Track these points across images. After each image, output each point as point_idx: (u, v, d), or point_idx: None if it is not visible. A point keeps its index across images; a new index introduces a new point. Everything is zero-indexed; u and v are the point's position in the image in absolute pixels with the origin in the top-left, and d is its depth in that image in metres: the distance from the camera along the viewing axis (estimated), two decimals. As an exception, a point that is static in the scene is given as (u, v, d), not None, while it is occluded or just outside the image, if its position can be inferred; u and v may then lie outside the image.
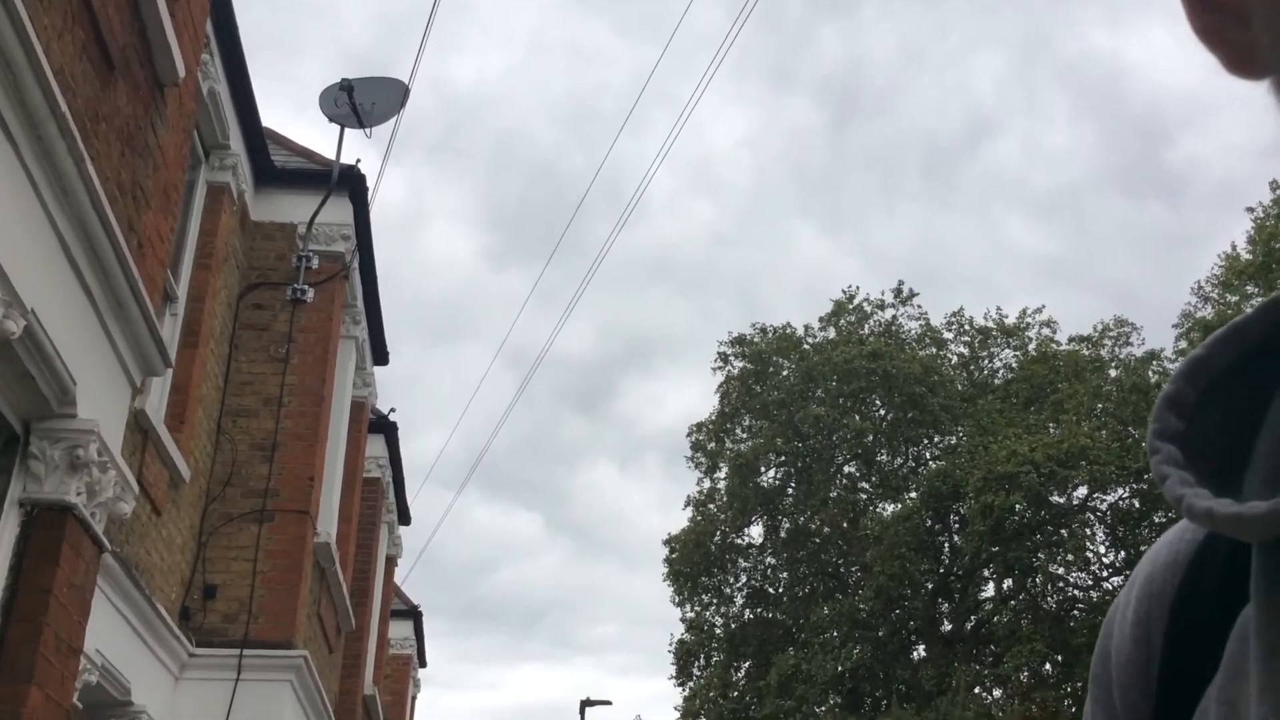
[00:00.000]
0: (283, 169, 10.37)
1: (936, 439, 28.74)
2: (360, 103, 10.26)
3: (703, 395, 75.58)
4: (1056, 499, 25.14)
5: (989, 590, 27.98)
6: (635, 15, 73.74)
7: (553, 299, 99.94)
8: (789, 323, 30.20)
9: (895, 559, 25.13)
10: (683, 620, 29.52)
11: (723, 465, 29.42)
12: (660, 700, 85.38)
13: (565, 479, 71.05)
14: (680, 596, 29.37)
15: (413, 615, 21.42)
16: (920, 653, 27.24)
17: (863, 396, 28.10)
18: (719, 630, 29.34)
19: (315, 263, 9.92)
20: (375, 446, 14.31)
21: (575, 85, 73.75)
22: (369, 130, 10.41)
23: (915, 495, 27.00)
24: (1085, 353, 28.25)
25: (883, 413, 28.58)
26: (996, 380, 29.49)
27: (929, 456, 28.94)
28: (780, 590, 29.28)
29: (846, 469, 29.40)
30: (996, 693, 25.64)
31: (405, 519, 17.62)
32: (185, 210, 8.59)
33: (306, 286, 9.81)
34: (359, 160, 11.84)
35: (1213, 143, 51.53)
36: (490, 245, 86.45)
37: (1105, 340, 28.81)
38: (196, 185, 8.95)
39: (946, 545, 27.55)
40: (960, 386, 29.05)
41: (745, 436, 29.56)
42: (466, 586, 75.87)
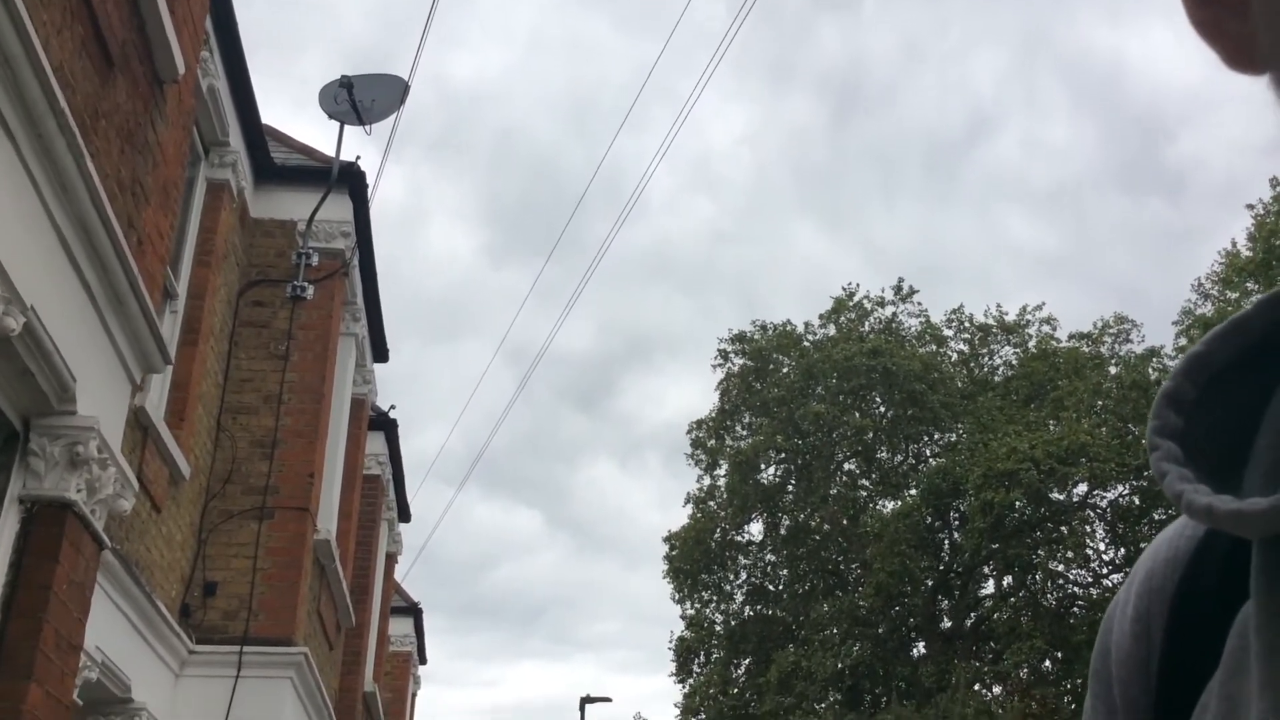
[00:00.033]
0: (282, 166, 10.37)
1: (936, 436, 28.73)
2: (360, 99, 10.25)
3: (703, 392, 75.59)
4: (1056, 496, 25.16)
5: (989, 587, 28.01)
6: (635, 11, 73.73)
7: (553, 296, 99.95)
8: (789, 320, 30.23)
9: (895, 556, 25.14)
10: (683, 617, 29.57)
11: (723, 462, 29.41)
12: (660, 697, 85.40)
13: (565, 476, 71.14)
14: (680, 593, 29.40)
15: (413, 612, 21.42)
16: (920, 650, 27.25)
17: (863, 394, 28.09)
18: (719, 627, 29.35)
19: (315, 260, 9.92)
20: (375, 443, 14.32)
21: (575, 82, 73.74)
22: (369, 127, 10.42)
23: (915, 492, 27.02)
24: (1085, 350, 28.26)
25: (883, 410, 28.57)
26: (996, 377, 29.49)
27: (929, 453, 28.94)
28: (780, 587, 29.30)
29: (846, 466, 29.39)
30: (996, 690, 25.69)
31: (405, 516, 17.63)
32: (185, 207, 8.59)
33: (306, 283, 9.80)
34: (359, 157, 11.83)
35: (1213, 139, 51.56)
36: (490, 242, 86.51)
37: (1105, 337, 28.83)
38: (196, 182, 8.95)
39: (946, 542, 27.56)
40: (960, 383, 29.06)
41: (745, 434, 29.55)
42: (466, 583, 76.00)
